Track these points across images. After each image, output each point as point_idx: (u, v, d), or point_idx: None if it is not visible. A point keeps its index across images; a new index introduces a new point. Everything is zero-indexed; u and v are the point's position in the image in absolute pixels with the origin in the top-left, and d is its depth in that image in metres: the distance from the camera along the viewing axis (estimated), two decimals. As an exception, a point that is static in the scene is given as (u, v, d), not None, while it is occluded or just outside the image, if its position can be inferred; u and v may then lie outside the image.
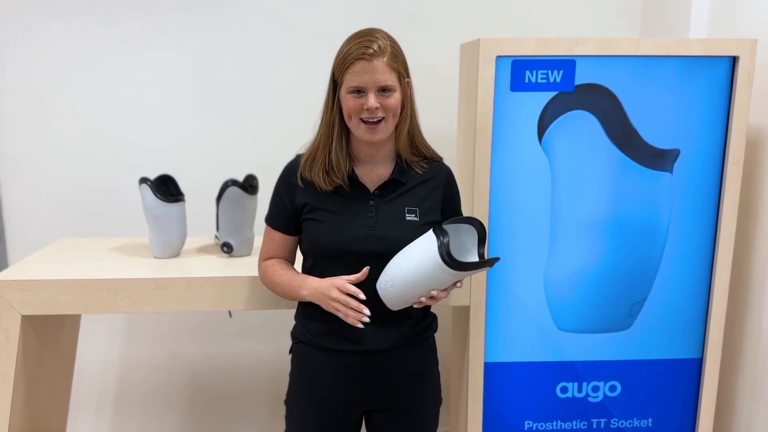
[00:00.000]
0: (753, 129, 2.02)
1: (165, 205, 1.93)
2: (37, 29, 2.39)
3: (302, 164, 1.57)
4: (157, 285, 1.80)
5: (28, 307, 1.78)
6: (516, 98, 1.84)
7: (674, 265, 1.97)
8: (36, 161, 2.47)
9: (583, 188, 1.90)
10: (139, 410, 2.73)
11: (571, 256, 1.94)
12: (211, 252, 2.08)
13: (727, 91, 1.87)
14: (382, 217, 1.55)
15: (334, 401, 1.60)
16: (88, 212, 2.51)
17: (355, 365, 1.58)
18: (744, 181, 1.98)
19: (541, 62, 1.82)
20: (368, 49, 1.44)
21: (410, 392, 1.63)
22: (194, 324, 2.67)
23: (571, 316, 1.98)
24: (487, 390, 2.02)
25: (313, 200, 1.56)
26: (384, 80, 1.45)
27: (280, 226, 1.61)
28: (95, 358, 2.66)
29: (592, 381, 2.04)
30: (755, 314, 2.03)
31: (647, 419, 2.07)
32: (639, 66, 1.84)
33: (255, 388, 2.73)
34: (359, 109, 1.47)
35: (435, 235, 1.39)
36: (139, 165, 2.40)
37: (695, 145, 1.90)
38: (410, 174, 1.59)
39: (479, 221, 1.46)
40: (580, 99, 1.85)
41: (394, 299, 1.45)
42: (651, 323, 2.00)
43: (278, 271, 1.61)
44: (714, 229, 1.96)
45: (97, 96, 2.45)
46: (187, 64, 2.45)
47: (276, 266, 1.62)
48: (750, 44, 1.82)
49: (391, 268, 1.44)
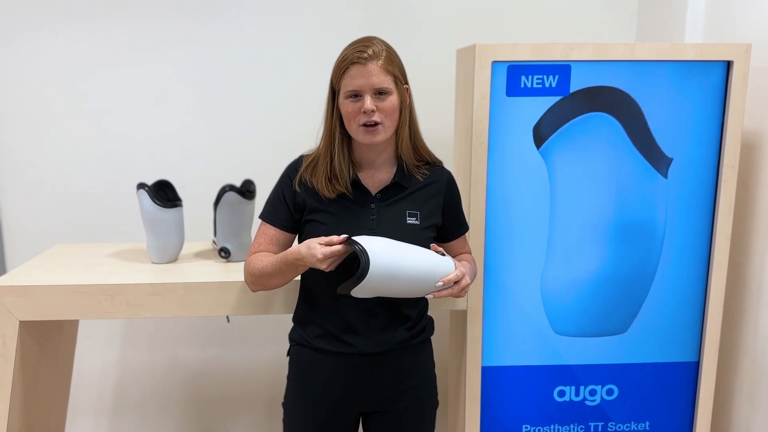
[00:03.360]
0: (748, 132, 2.03)
1: (163, 210, 1.94)
2: (36, 35, 2.39)
3: (303, 167, 1.58)
4: (154, 290, 1.80)
5: (26, 313, 1.78)
6: (512, 103, 1.85)
7: (671, 269, 1.97)
8: (34, 167, 2.48)
9: (582, 193, 1.91)
10: (137, 415, 2.72)
11: (568, 260, 1.95)
12: (208, 257, 2.08)
13: (721, 95, 1.88)
14: (384, 220, 1.56)
15: (331, 403, 1.61)
16: (86, 218, 2.51)
17: (352, 368, 1.59)
18: (739, 184, 1.99)
19: (537, 67, 1.83)
20: (363, 53, 1.47)
21: (407, 395, 1.64)
22: (192, 329, 2.67)
23: (569, 320, 1.99)
24: (484, 394, 2.02)
25: (314, 201, 1.57)
26: (379, 83, 1.47)
27: (276, 221, 1.60)
28: (93, 363, 2.65)
29: (590, 384, 2.04)
30: (752, 317, 2.04)
31: (644, 422, 2.08)
32: (634, 70, 1.85)
33: (253, 392, 2.73)
34: (357, 112, 1.48)
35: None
36: (137, 171, 2.40)
37: (690, 149, 1.91)
38: (412, 178, 1.60)
39: (362, 250, 1.40)
40: (595, 101, 1.85)
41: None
42: (648, 327, 2.00)
43: (263, 258, 1.57)
44: (710, 233, 1.96)
45: (95, 102, 2.45)
46: (185, 70, 2.46)
47: (261, 255, 1.59)
48: (744, 49, 1.83)
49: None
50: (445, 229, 1.67)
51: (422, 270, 1.45)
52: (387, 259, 1.40)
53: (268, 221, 1.62)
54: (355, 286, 1.39)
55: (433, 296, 1.49)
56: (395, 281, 1.42)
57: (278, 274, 1.55)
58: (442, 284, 1.46)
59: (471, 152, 1.86)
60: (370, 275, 1.37)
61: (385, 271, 1.39)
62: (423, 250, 1.49)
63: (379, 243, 1.42)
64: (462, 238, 1.73)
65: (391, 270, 1.40)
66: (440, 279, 1.46)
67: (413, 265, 1.44)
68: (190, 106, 2.49)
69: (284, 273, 1.54)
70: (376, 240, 1.43)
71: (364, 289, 1.41)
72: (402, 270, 1.42)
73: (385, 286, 1.43)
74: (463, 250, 1.75)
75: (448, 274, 1.48)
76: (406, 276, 1.43)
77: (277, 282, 1.58)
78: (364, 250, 1.38)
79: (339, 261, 1.47)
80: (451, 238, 1.70)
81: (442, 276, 1.47)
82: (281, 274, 1.54)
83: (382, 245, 1.42)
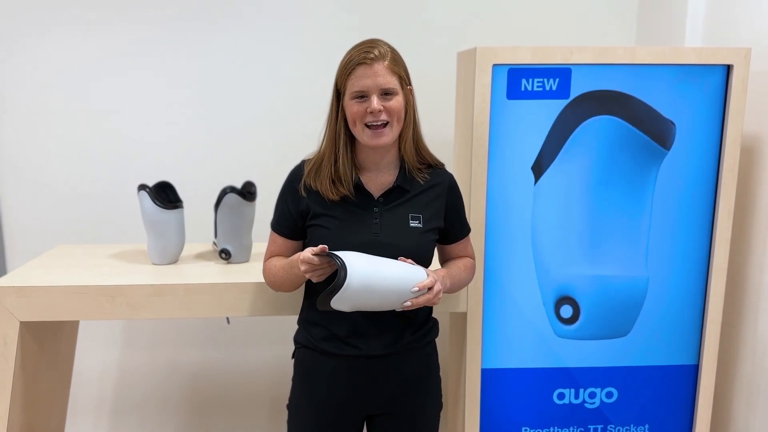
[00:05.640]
0: (747, 136, 2.04)
1: (163, 211, 1.94)
2: (38, 36, 2.40)
3: (306, 173, 1.59)
4: (155, 291, 1.80)
5: (27, 314, 1.78)
6: (512, 106, 1.85)
7: (670, 272, 1.97)
8: (35, 168, 2.48)
9: (584, 195, 1.91)
10: (137, 416, 2.73)
11: (568, 262, 1.95)
12: (209, 258, 2.09)
13: (721, 98, 1.88)
14: (387, 223, 1.57)
15: (336, 405, 1.61)
16: (86, 219, 2.52)
17: (357, 370, 1.59)
18: (739, 188, 1.99)
19: (538, 70, 1.83)
20: (369, 54, 1.47)
21: (411, 397, 1.64)
22: (192, 330, 2.67)
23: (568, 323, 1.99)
24: (484, 396, 2.03)
25: (317, 206, 1.57)
26: (386, 83, 1.48)
27: (284, 231, 1.63)
28: (93, 364, 2.66)
29: (589, 387, 2.04)
30: (751, 320, 2.04)
31: (644, 425, 2.08)
32: (634, 74, 1.85)
33: (253, 394, 2.73)
34: (363, 113, 1.49)
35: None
36: (138, 172, 2.41)
37: (690, 153, 1.91)
38: (414, 181, 1.60)
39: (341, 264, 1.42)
40: (596, 106, 1.85)
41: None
42: (647, 330, 2.01)
43: (276, 263, 1.62)
44: (709, 236, 1.97)
45: (96, 103, 2.45)
46: (186, 72, 2.46)
47: (274, 260, 1.64)
48: (744, 53, 1.84)
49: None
50: (447, 232, 1.67)
51: (398, 278, 1.46)
52: (363, 271, 1.41)
53: (275, 230, 1.65)
54: (334, 296, 1.41)
55: (411, 303, 1.47)
56: (373, 290, 1.43)
57: (285, 279, 1.60)
58: (418, 289, 1.46)
59: (471, 155, 1.87)
60: (348, 283, 1.39)
61: (362, 281, 1.41)
62: (397, 262, 1.49)
63: (356, 255, 1.45)
64: (464, 240, 1.73)
65: (368, 279, 1.42)
66: (416, 285, 1.46)
67: (389, 275, 1.45)
68: (191, 108, 2.49)
69: (289, 278, 1.59)
70: (353, 253, 1.45)
71: (342, 300, 1.42)
72: (379, 279, 1.43)
73: (362, 296, 1.43)
74: (464, 253, 1.74)
75: (421, 281, 1.48)
76: (383, 286, 1.44)
77: (288, 286, 1.63)
78: (341, 260, 1.41)
79: (325, 275, 1.49)
80: (452, 240, 1.70)
81: (416, 283, 1.47)
82: (287, 279, 1.59)
83: (358, 257, 1.44)
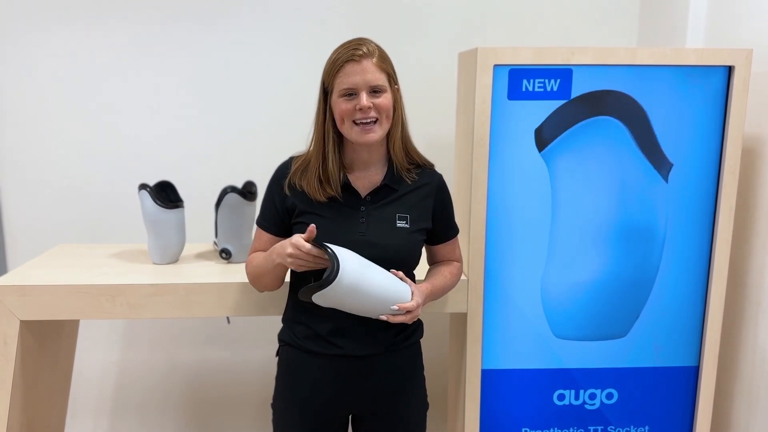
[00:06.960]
0: (749, 137, 2.03)
1: (164, 211, 1.94)
2: (38, 35, 2.40)
3: (292, 171, 1.58)
4: (155, 291, 1.81)
5: (27, 313, 1.78)
6: (513, 107, 1.85)
7: (671, 274, 1.97)
8: (36, 167, 2.48)
9: (584, 196, 1.91)
10: (137, 415, 2.73)
11: (568, 263, 1.95)
12: (209, 258, 2.09)
13: (723, 100, 1.88)
14: (374, 223, 1.55)
15: (319, 405, 1.60)
16: (87, 218, 2.52)
17: (340, 369, 1.58)
18: (740, 189, 1.99)
19: (539, 71, 1.83)
20: (357, 51, 1.47)
21: (395, 397, 1.64)
22: (193, 330, 2.67)
23: (568, 324, 1.99)
24: (484, 397, 2.02)
25: (304, 204, 1.56)
26: (375, 80, 1.47)
27: (269, 227, 1.61)
28: (93, 363, 2.66)
29: (589, 388, 2.04)
30: (751, 322, 2.04)
31: (644, 427, 2.07)
32: (635, 75, 1.85)
33: (253, 393, 2.73)
34: (352, 111, 1.48)
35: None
36: (139, 171, 2.41)
37: (691, 154, 1.91)
38: (402, 181, 1.59)
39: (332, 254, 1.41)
40: (600, 105, 1.85)
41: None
42: (648, 331, 2.00)
43: (257, 256, 1.61)
44: (710, 237, 1.97)
45: (97, 103, 2.46)
46: (187, 72, 2.46)
47: (256, 255, 1.62)
48: (746, 54, 1.84)
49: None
50: (435, 233, 1.66)
51: (384, 290, 1.45)
52: (354, 272, 1.40)
53: (260, 226, 1.63)
54: (319, 291, 1.39)
55: (386, 318, 1.47)
56: (357, 295, 1.42)
57: (265, 272, 1.57)
58: (398, 309, 1.46)
59: (472, 156, 1.86)
60: (337, 282, 1.38)
61: (350, 282, 1.40)
62: (387, 273, 1.49)
63: (350, 254, 1.43)
64: (451, 242, 1.71)
65: (356, 282, 1.41)
66: (397, 304, 1.46)
67: (376, 284, 1.44)
68: (191, 108, 2.49)
69: (269, 270, 1.55)
70: (347, 251, 1.44)
71: (326, 296, 1.41)
72: (366, 285, 1.42)
73: (346, 298, 1.43)
74: (451, 255, 1.73)
75: (405, 301, 1.48)
76: (367, 293, 1.43)
77: (268, 280, 1.59)
78: (335, 256, 1.38)
79: (310, 267, 1.47)
80: (440, 241, 1.69)
81: (399, 301, 1.47)
82: (267, 272, 1.56)
83: (352, 257, 1.43)
